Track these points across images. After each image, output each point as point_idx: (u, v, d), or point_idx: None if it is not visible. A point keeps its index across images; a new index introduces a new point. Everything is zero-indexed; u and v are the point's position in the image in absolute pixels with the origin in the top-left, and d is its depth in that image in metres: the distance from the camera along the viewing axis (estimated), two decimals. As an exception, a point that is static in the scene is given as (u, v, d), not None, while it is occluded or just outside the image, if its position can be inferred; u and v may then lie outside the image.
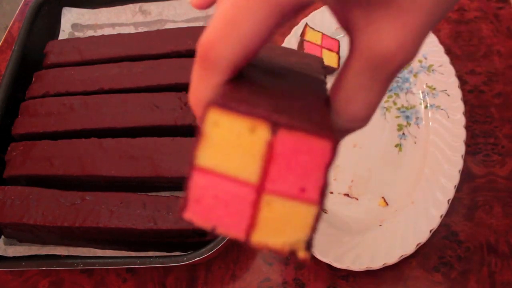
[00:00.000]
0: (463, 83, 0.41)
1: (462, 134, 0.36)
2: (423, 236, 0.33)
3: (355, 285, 0.34)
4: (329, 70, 0.42)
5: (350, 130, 0.14)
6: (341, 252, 0.33)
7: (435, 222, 0.33)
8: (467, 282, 0.33)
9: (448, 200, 0.34)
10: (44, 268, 0.36)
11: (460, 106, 0.38)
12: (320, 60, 0.19)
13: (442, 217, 0.33)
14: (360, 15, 0.12)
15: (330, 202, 0.37)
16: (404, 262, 0.34)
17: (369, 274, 0.34)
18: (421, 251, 0.34)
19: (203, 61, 0.12)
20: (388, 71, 0.13)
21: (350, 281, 0.34)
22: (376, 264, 0.33)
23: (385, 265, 0.33)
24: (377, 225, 0.35)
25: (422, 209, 0.34)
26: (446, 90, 0.39)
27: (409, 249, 0.33)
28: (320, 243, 0.34)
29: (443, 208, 0.34)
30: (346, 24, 0.13)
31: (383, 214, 0.36)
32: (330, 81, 0.41)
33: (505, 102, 0.40)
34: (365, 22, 0.12)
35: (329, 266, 0.34)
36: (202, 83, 0.13)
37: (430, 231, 0.33)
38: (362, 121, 0.14)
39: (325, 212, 0.37)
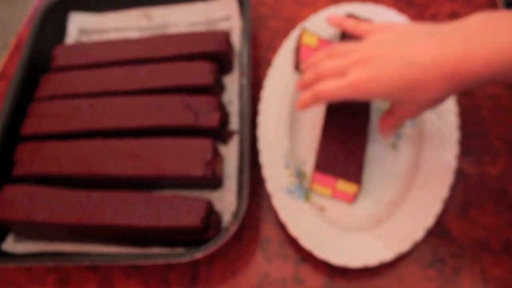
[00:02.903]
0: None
1: (455, 134, 0.37)
2: (418, 234, 0.34)
3: (352, 281, 0.35)
4: None
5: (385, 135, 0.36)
6: (339, 249, 0.34)
7: (429, 220, 0.34)
8: (460, 278, 0.34)
9: (442, 199, 0.35)
10: (51, 265, 0.37)
11: (453, 108, 0.39)
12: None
13: (437, 215, 0.34)
14: (394, 102, 0.32)
15: (328, 200, 0.38)
16: (399, 258, 0.35)
17: (365, 270, 0.35)
18: (416, 248, 0.35)
19: (317, 96, 0.33)
20: (402, 121, 0.34)
21: (347, 277, 0.35)
22: (373, 261, 0.33)
23: (381, 262, 0.33)
24: (374, 223, 0.36)
25: (417, 207, 0.35)
26: (440, 92, 0.40)
27: (405, 247, 0.33)
28: (318, 240, 0.35)
29: (437, 206, 0.34)
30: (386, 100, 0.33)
31: (379, 213, 0.37)
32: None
33: (496, 104, 0.41)
34: (395, 105, 0.32)
35: (327, 263, 0.35)
36: (310, 102, 0.33)
37: (425, 229, 0.34)
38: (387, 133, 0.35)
39: (323, 211, 0.38)
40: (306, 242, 0.34)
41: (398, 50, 0.29)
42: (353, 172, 0.35)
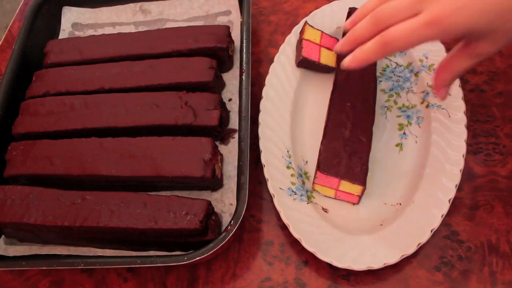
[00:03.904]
0: (464, 82, 0.41)
1: (463, 133, 0.36)
2: (424, 235, 0.33)
3: (356, 285, 0.34)
4: (327, 69, 0.42)
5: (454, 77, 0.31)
6: (342, 251, 0.33)
7: (436, 222, 0.33)
8: (468, 282, 0.33)
9: (449, 200, 0.34)
10: (44, 268, 0.36)
11: (461, 105, 0.38)
12: None
13: (443, 216, 0.33)
14: (478, 36, 0.27)
15: (332, 201, 0.37)
16: (405, 261, 0.34)
17: (369, 273, 0.34)
18: (422, 250, 0.34)
19: (387, 44, 0.27)
20: (477, 61, 0.29)
21: (351, 281, 0.34)
22: (377, 264, 0.32)
23: (385, 265, 0.32)
24: (378, 224, 0.35)
25: (423, 208, 0.34)
26: (447, 89, 0.39)
27: (410, 249, 0.33)
28: (321, 242, 0.34)
29: (444, 207, 0.34)
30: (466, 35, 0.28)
31: (384, 214, 0.36)
32: (329, 79, 0.41)
33: (506, 102, 0.40)
34: (479, 39, 0.27)
35: (329, 266, 0.34)
36: (375, 53, 0.28)
37: (431, 231, 0.33)
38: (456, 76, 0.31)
39: (326, 212, 0.37)
40: (309, 244, 0.33)
41: None
42: (357, 172, 0.34)
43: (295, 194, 0.36)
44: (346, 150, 0.35)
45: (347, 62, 0.29)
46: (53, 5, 0.49)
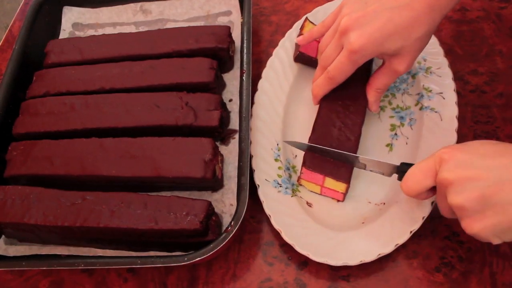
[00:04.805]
0: (464, 83, 0.41)
1: (453, 137, 0.36)
2: (402, 236, 0.33)
3: (356, 285, 0.34)
4: None
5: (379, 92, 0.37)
6: (320, 245, 0.34)
7: (416, 224, 0.33)
8: (469, 283, 0.33)
9: (432, 203, 0.34)
10: (44, 268, 0.36)
11: (453, 109, 0.37)
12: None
13: (424, 218, 0.33)
14: (389, 56, 0.34)
15: (316, 196, 0.37)
16: (405, 262, 0.34)
17: (369, 273, 0.34)
18: (423, 251, 0.34)
19: (330, 78, 0.35)
20: (396, 77, 0.35)
21: (350, 281, 0.34)
22: (353, 261, 0.33)
23: (361, 262, 0.33)
24: (360, 222, 0.35)
25: (405, 209, 0.34)
26: (442, 92, 0.39)
27: (388, 248, 0.33)
28: (300, 235, 0.34)
29: (427, 210, 0.34)
30: (381, 57, 0.35)
31: (367, 212, 0.36)
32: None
33: (507, 103, 0.40)
34: (391, 59, 0.34)
35: (330, 266, 0.34)
36: (325, 87, 0.36)
37: (411, 232, 0.33)
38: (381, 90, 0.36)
39: (310, 206, 0.37)
40: (288, 237, 0.34)
41: (376, 4, 0.31)
42: (342, 170, 0.34)
43: (280, 186, 0.37)
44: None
45: (313, 102, 0.38)
46: (54, 5, 0.49)
